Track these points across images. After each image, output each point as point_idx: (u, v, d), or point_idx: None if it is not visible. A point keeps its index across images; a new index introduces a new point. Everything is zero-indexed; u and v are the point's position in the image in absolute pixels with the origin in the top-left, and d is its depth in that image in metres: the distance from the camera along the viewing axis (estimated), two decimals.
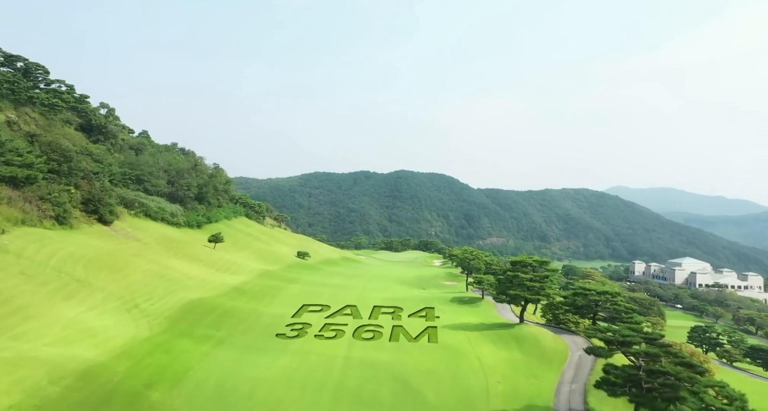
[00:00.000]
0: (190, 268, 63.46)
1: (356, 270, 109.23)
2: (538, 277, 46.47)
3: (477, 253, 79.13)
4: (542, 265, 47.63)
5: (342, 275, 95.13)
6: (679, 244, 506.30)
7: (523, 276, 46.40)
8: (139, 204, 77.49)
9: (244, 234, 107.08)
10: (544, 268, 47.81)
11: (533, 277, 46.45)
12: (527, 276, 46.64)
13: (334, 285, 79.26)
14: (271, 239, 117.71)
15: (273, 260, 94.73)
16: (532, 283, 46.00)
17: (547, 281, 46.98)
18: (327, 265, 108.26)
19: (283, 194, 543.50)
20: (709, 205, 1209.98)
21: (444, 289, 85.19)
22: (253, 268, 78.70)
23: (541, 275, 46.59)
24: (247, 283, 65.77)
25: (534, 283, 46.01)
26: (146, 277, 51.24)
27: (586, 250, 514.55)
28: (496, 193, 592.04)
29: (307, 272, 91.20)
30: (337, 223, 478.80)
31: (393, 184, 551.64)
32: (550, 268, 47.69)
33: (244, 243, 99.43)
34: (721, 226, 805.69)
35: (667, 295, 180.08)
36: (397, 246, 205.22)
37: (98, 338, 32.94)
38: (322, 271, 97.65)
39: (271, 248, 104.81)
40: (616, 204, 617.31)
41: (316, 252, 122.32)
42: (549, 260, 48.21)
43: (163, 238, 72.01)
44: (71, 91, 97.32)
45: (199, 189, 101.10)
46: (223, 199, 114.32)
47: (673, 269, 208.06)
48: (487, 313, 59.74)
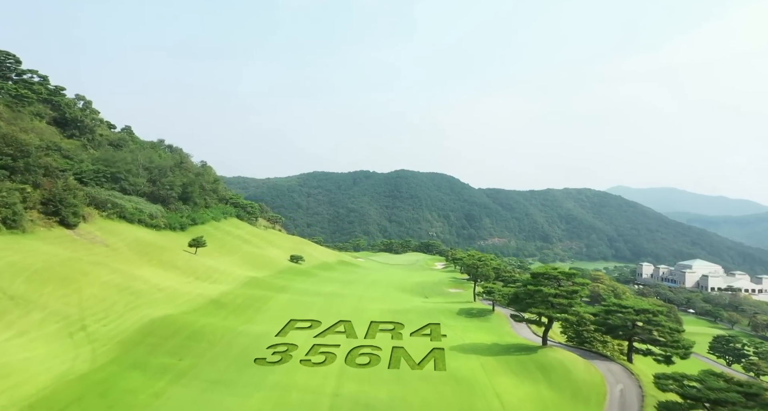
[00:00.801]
0: (162, 278, 56.07)
1: (353, 275, 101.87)
2: (565, 292, 39.07)
3: (485, 258, 71.83)
4: (569, 277, 40.14)
5: (338, 282, 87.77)
6: (684, 245, 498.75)
7: (546, 291, 38.97)
8: (112, 205, 70.10)
9: (232, 237, 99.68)
10: (572, 281, 40.31)
11: (559, 293, 39.04)
12: (552, 291, 39.21)
13: (328, 294, 71.90)
14: (263, 242, 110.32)
15: (262, 265, 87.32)
16: (558, 300, 38.60)
17: (575, 297, 39.56)
18: (322, 270, 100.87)
19: (281, 194, 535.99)
20: (710, 205, 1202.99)
21: (448, 298, 77.83)
22: (238, 275, 71.31)
23: (568, 290, 39.18)
24: (229, 293, 58.37)
25: (560, 299, 38.62)
26: (105, 290, 43.86)
27: (589, 250, 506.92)
28: (497, 193, 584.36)
29: (300, 279, 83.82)
30: (336, 224, 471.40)
31: (393, 183, 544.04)
32: (578, 281, 40.28)
33: (232, 246, 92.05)
34: (724, 227, 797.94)
35: (679, 299, 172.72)
36: (397, 248, 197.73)
37: (11, 379, 25.57)
38: (316, 277, 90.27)
39: (261, 252, 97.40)
40: (619, 204, 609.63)
41: (311, 255, 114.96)
42: (577, 272, 40.77)
43: (136, 243, 64.60)
44: (45, 82, 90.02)
45: (184, 188, 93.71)
46: (211, 200, 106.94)
47: (683, 272, 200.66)
48: (500, 330, 52.38)
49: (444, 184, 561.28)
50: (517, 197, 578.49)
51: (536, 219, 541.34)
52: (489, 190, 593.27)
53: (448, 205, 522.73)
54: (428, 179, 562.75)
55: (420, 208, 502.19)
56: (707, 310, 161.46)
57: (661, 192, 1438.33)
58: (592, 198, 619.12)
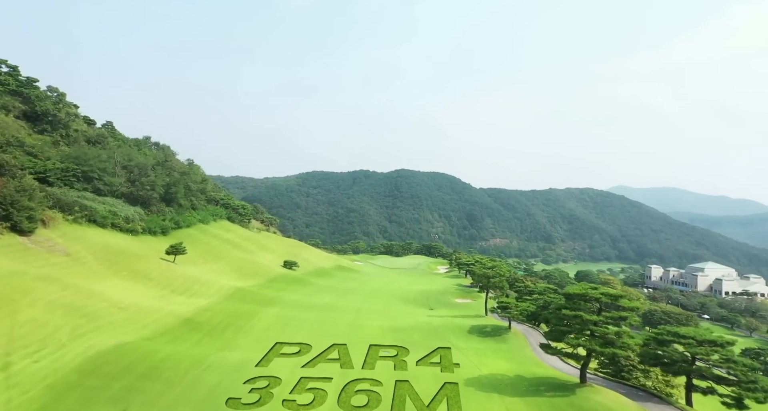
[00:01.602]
0: (129, 293, 48.52)
1: (351, 282, 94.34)
2: (611, 318, 31.44)
3: (497, 266, 64.02)
4: (615, 300, 32.34)
5: (334, 291, 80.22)
6: (688, 246, 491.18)
7: (587, 317, 31.37)
8: (80, 207, 62.51)
9: (221, 241, 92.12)
10: (619, 304, 32.39)
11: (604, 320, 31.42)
12: (593, 317, 31.61)
13: (323, 306, 64.37)
14: (255, 246, 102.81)
15: (252, 273, 79.80)
16: (603, 329, 30.91)
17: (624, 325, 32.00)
18: (317, 277, 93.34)
19: (280, 194, 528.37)
20: (712, 205, 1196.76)
21: (456, 310, 70.25)
22: (222, 285, 63.76)
23: (613, 316, 31.54)
24: (207, 310, 50.81)
25: (605, 328, 30.97)
26: (49, 312, 36.32)
27: (592, 251, 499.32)
28: (498, 193, 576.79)
29: (292, 288, 76.26)
30: (336, 224, 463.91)
31: (393, 183, 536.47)
32: (626, 304, 32.39)
33: (219, 252, 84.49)
34: (727, 227, 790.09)
35: (692, 304, 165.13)
36: (397, 250, 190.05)
37: None
38: (310, 285, 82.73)
39: (252, 258, 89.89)
40: (622, 204, 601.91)
41: (306, 260, 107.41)
42: (623, 293, 32.92)
43: (105, 251, 57.03)
44: (15, 72, 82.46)
45: (167, 189, 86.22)
46: (198, 201, 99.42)
47: (694, 275, 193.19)
48: (521, 355, 44.85)
49: (445, 184, 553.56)
50: (519, 197, 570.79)
51: (538, 219, 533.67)
52: (490, 190, 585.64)
53: (449, 205, 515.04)
54: (429, 179, 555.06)
55: (420, 208, 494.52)
56: (723, 315, 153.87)
57: (662, 191, 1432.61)
58: (595, 198, 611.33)
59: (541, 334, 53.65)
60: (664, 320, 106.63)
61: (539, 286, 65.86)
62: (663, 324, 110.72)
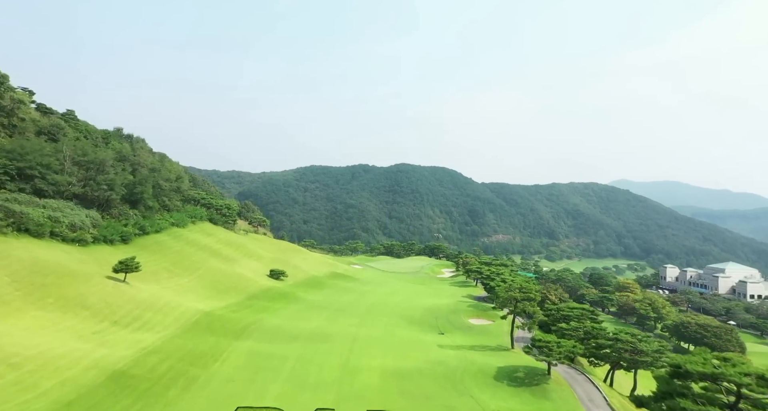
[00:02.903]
0: (44, 333, 36.23)
1: (347, 295, 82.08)
2: None
3: (528, 288, 50.65)
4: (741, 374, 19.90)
5: (326, 309, 67.92)
6: (696, 242, 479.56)
7: None
8: (6, 213, 50.11)
9: (197, 248, 79.79)
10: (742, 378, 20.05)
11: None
12: None
13: (309, 335, 52.09)
14: (238, 253, 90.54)
15: (228, 288, 67.54)
16: None
17: None
18: (308, 290, 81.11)
19: (277, 189, 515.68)
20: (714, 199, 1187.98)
21: (473, 337, 58.00)
22: (185, 310, 51.50)
23: None
24: (154, 352, 38.49)
25: None
26: None
27: (596, 247, 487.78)
28: (501, 188, 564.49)
29: (276, 307, 63.98)
30: (334, 220, 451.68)
31: (393, 178, 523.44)
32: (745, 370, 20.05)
33: (193, 262, 72.17)
34: (731, 221, 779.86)
35: (716, 309, 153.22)
36: (398, 251, 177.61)
37: None
38: (298, 302, 70.46)
39: (231, 268, 77.57)
40: (627, 199, 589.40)
41: (297, 268, 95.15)
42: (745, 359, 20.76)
43: (30, 270, 44.68)
44: None
45: (132, 188, 73.81)
46: (172, 201, 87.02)
47: (715, 276, 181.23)
48: None
49: (446, 179, 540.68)
50: (521, 192, 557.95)
51: (542, 214, 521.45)
52: (492, 185, 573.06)
53: (451, 201, 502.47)
54: (429, 173, 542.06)
55: (421, 203, 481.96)
56: (751, 322, 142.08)
57: (664, 185, 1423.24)
58: (599, 193, 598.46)
59: (590, 382, 41.43)
60: (699, 334, 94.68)
61: (573, 310, 53.75)
62: (698, 339, 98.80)
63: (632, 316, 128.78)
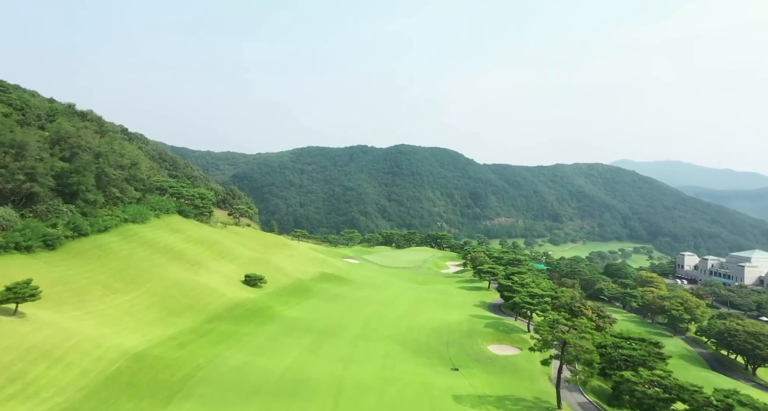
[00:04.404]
0: None
1: (337, 306, 67.91)
2: None
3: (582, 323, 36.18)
4: None
5: (307, 332, 53.71)
6: (704, 224, 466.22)
7: None
8: None
9: (153, 250, 65.26)
10: None
11: None
12: None
13: (277, 384, 37.91)
14: (209, 253, 76.13)
15: (184, 307, 53.24)
16: None
17: None
18: (289, 301, 66.86)
19: (272, 171, 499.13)
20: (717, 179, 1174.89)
21: (499, 379, 43.94)
22: (104, 352, 37.19)
23: None
24: None
25: None
26: None
27: (601, 230, 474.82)
28: (504, 169, 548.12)
29: (241, 335, 49.70)
30: (332, 203, 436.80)
31: (392, 159, 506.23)
32: None
33: (142, 271, 57.64)
34: (735, 202, 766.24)
35: (746, 303, 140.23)
36: (398, 240, 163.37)
37: None
38: (273, 321, 56.22)
39: (194, 277, 63.10)
40: (633, 180, 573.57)
41: (279, 270, 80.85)
42: None
43: None
44: None
45: (65, 178, 58.86)
46: (127, 193, 72.06)
47: (740, 266, 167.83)
48: None
49: (447, 160, 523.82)
50: (524, 173, 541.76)
51: (545, 196, 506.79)
52: (495, 166, 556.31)
53: (452, 183, 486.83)
54: (430, 154, 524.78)
55: (421, 185, 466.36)
56: None
57: (666, 165, 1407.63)
58: (605, 174, 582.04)
59: None
60: (750, 345, 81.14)
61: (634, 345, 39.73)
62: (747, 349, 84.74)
63: (658, 314, 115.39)
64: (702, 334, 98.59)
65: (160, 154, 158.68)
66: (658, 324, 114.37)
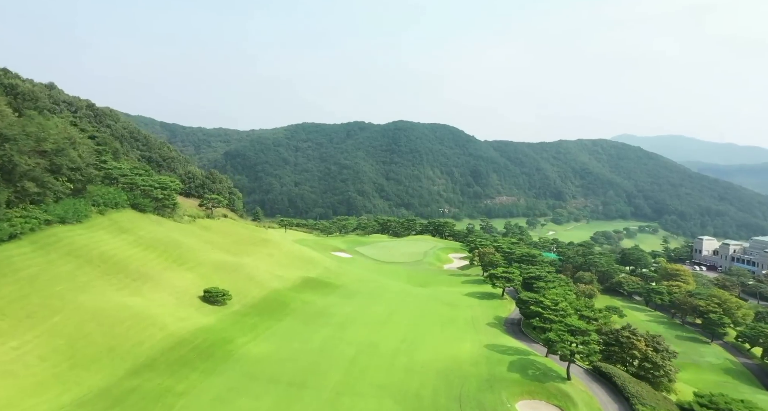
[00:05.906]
0: None
1: (317, 332, 53.71)
2: None
3: None
4: None
5: (273, 383, 39.58)
6: (711, 201, 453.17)
7: None
8: None
9: (81, 262, 50.68)
10: None
11: None
12: None
13: None
14: (162, 259, 61.55)
15: (100, 352, 38.96)
16: None
17: None
18: (255, 328, 52.58)
19: (266, 148, 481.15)
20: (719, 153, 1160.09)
21: None
22: None
23: None
24: None
25: None
26: None
27: (605, 208, 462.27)
28: (505, 146, 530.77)
29: (174, 394, 35.44)
30: (327, 182, 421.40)
31: (391, 136, 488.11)
32: None
33: (50, 296, 43.07)
34: (738, 176, 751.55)
35: None
36: (397, 228, 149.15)
37: None
38: (228, 364, 41.96)
39: (128, 300, 48.59)
40: (638, 156, 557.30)
41: (251, 279, 66.40)
42: None
43: None
44: None
45: None
46: (51, 184, 56.86)
47: (767, 252, 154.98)
48: None
49: (447, 137, 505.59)
50: (526, 150, 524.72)
51: (548, 174, 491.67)
52: (496, 143, 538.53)
53: (452, 160, 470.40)
54: (430, 131, 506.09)
55: (420, 163, 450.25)
56: None
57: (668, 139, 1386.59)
58: (609, 150, 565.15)
59: None
60: None
61: None
62: None
63: (688, 314, 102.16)
64: (745, 339, 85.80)
65: (132, 133, 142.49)
66: (689, 325, 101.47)
